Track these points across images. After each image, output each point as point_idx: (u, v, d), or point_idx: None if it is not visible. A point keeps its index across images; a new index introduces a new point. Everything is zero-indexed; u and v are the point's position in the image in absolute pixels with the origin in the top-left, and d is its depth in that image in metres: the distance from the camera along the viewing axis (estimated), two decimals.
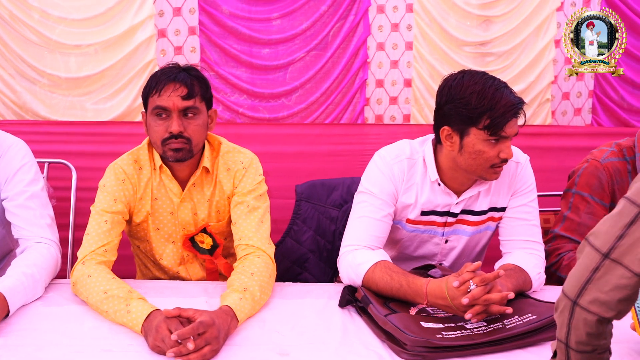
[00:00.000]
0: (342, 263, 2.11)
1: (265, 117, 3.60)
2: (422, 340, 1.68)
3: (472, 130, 2.00)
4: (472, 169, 2.06)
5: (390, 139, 3.60)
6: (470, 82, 2.00)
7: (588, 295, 1.30)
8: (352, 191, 2.53)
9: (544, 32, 3.66)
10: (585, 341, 1.33)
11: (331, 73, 3.60)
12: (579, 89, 3.75)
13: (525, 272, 2.06)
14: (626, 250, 1.27)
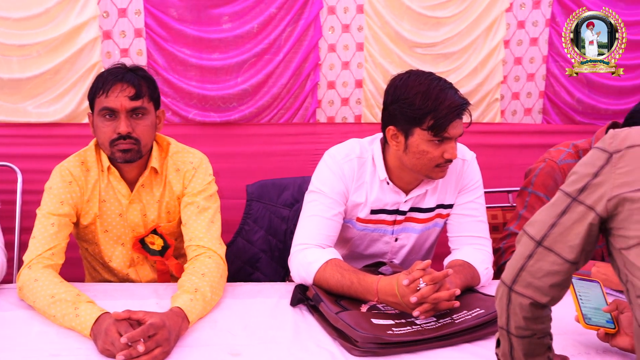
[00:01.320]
0: (293, 262, 2.11)
1: (216, 121, 3.57)
2: (372, 337, 1.70)
3: (416, 130, 2.02)
4: (417, 168, 2.08)
5: (341, 138, 3.60)
6: (415, 83, 2.01)
7: (523, 280, 1.36)
8: (303, 190, 2.53)
9: (494, 33, 3.70)
10: (524, 326, 1.38)
11: (283, 76, 3.59)
12: (529, 89, 3.80)
13: (473, 267, 2.09)
14: (558, 238, 1.34)
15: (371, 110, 3.70)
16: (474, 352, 1.74)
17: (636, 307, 1.26)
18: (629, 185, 1.28)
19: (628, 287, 1.30)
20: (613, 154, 1.33)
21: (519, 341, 1.41)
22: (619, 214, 1.29)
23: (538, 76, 3.79)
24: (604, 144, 1.36)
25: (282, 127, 3.63)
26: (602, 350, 1.74)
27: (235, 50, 3.55)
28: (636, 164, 1.30)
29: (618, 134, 1.36)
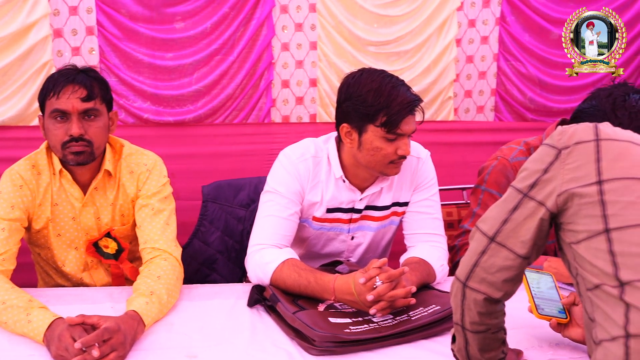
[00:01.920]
0: (250, 262, 2.10)
1: (170, 121, 3.55)
2: (329, 336, 1.70)
3: (370, 127, 2.03)
4: (371, 165, 2.09)
5: (297, 137, 3.59)
6: (368, 80, 2.03)
7: (477, 276, 1.38)
8: (259, 191, 2.52)
9: (445, 31, 3.74)
10: (478, 321, 1.40)
11: (237, 75, 3.58)
12: (481, 87, 3.85)
13: (429, 265, 2.11)
14: (510, 234, 1.36)
15: (326, 109, 3.71)
16: (430, 348, 1.76)
17: (586, 299, 1.29)
18: (578, 181, 1.30)
19: (578, 281, 1.32)
20: (562, 150, 1.36)
21: (473, 336, 1.43)
22: (569, 209, 1.31)
23: (489, 74, 3.84)
24: (553, 140, 1.39)
25: (237, 127, 3.62)
26: (555, 343, 1.78)
27: (189, 50, 3.53)
28: (584, 160, 1.32)
29: (566, 131, 1.38)
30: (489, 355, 1.46)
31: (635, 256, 1.21)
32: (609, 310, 1.20)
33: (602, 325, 1.21)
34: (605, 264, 1.23)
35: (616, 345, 1.16)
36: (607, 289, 1.21)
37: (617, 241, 1.23)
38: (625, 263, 1.21)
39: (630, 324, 1.15)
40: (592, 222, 1.27)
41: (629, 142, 1.35)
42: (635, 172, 1.28)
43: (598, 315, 1.23)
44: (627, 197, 1.26)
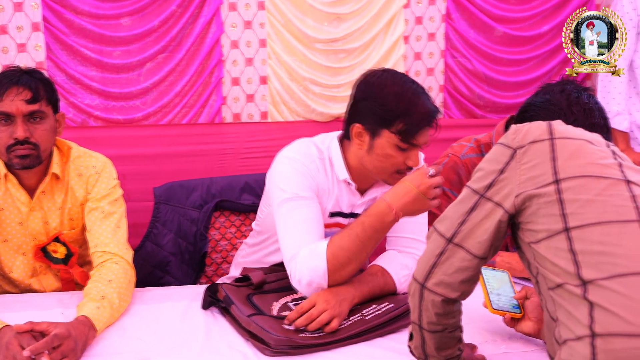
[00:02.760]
0: (297, 265, 1.88)
1: (119, 119, 3.49)
2: (285, 339, 1.70)
3: (385, 132, 1.92)
4: (376, 170, 1.99)
5: (249, 137, 3.64)
6: (390, 82, 1.93)
7: (434, 278, 1.38)
8: (211, 191, 2.52)
9: (393, 29, 3.76)
10: (436, 321, 1.41)
11: (186, 72, 3.54)
12: (429, 83, 3.88)
13: (388, 276, 2.01)
14: (467, 235, 1.37)
15: (277, 107, 3.70)
16: (386, 345, 1.77)
17: (548, 299, 1.30)
18: (535, 181, 1.32)
19: (538, 280, 1.33)
20: (517, 149, 1.37)
21: (430, 336, 1.44)
22: (527, 209, 1.32)
23: (437, 71, 3.88)
24: (507, 139, 1.40)
25: (188, 127, 3.58)
26: (508, 337, 1.81)
27: (136, 46, 3.48)
28: (540, 159, 1.33)
29: (520, 130, 1.40)
30: (446, 353, 1.47)
31: (596, 254, 1.22)
32: (572, 309, 1.21)
33: (566, 324, 1.22)
34: (566, 263, 1.24)
35: (582, 344, 1.17)
36: (569, 288, 1.22)
37: (577, 240, 1.24)
38: (587, 261, 1.22)
39: (596, 323, 1.16)
40: (551, 221, 1.28)
41: (582, 140, 1.36)
42: (591, 170, 1.30)
43: (561, 315, 1.24)
44: (584, 195, 1.27)
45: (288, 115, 3.70)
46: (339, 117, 3.74)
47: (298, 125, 3.68)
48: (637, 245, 1.21)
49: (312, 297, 1.84)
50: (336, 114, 3.73)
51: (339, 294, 1.86)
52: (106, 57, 3.44)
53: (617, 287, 1.17)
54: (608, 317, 1.15)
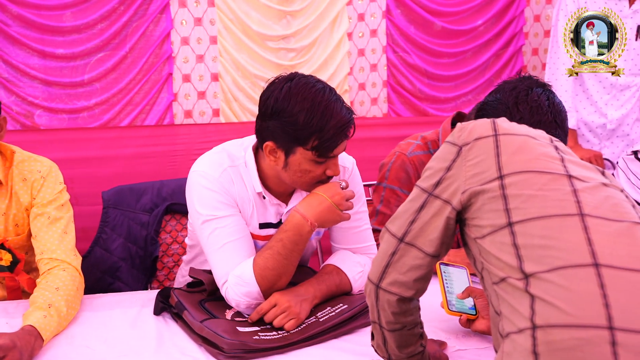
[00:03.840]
0: (229, 292, 1.87)
1: (64, 108, 3.41)
2: (239, 343, 1.69)
3: (299, 149, 1.85)
4: (297, 184, 1.95)
5: (200, 137, 3.61)
6: (299, 97, 1.82)
7: (388, 277, 1.39)
8: (162, 194, 2.48)
9: (338, 26, 3.80)
10: (394, 320, 1.42)
11: (134, 66, 3.50)
12: (373, 79, 3.92)
13: (343, 274, 2.01)
14: (418, 233, 1.38)
15: (229, 105, 3.69)
16: (340, 347, 1.78)
17: (492, 293, 1.31)
18: (480, 177, 1.33)
19: (484, 275, 1.35)
20: (462, 147, 1.38)
21: (390, 334, 1.45)
22: (472, 205, 1.34)
23: (380, 66, 3.92)
24: (453, 137, 1.41)
25: (138, 129, 3.54)
26: (462, 335, 1.83)
27: (82, 38, 3.41)
28: (484, 155, 1.35)
29: (465, 127, 1.41)
30: (408, 351, 1.49)
31: (537, 248, 1.23)
32: (515, 302, 1.22)
33: (509, 317, 1.23)
34: (509, 257, 1.25)
35: (523, 336, 1.18)
36: (512, 281, 1.23)
37: (520, 234, 1.26)
38: (529, 255, 1.23)
39: (536, 315, 1.17)
40: (496, 217, 1.29)
41: (526, 136, 1.38)
42: (534, 165, 1.32)
43: (504, 308, 1.25)
44: (527, 191, 1.29)
45: (240, 113, 3.69)
46: None
47: (248, 126, 3.64)
48: (577, 239, 1.23)
49: (272, 297, 1.83)
50: None
51: (300, 294, 1.87)
52: (50, 47, 3.36)
53: (558, 279, 1.19)
54: (548, 309, 1.17)
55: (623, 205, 1.31)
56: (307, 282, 1.92)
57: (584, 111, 3.39)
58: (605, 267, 1.19)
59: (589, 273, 1.18)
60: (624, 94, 3.38)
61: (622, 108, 3.39)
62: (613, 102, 3.38)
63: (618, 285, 1.17)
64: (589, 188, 1.31)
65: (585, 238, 1.23)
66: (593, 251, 1.21)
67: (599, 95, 3.37)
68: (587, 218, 1.25)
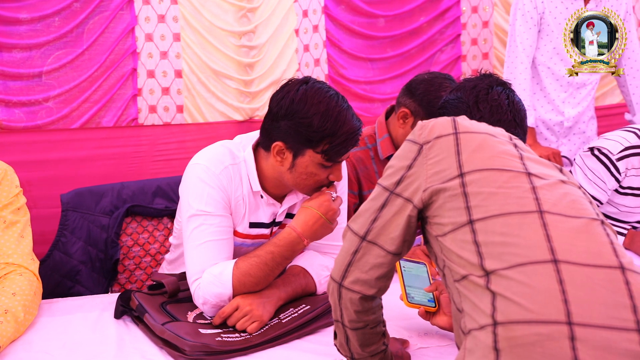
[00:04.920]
0: (201, 289, 1.86)
1: (22, 100, 3.33)
2: (201, 345, 1.69)
3: (308, 152, 1.87)
4: (299, 187, 1.96)
5: (163, 138, 3.59)
6: (315, 100, 1.85)
7: (351, 276, 1.40)
8: (122, 196, 2.45)
9: (287, 22, 3.81)
10: (356, 319, 1.43)
11: (96, 62, 3.45)
12: (317, 74, 3.94)
13: (309, 276, 2.02)
14: (380, 231, 1.39)
15: (193, 101, 3.67)
16: (303, 347, 1.79)
17: (454, 291, 1.32)
18: (441, 175, 1.34)
19: (445, 272, 1.36)
20: (423, 145, 1.39)
21: (353, 333, 1.46)
22: (434, 203, 1.35)
23: (322, 61, 3.94)
24: (414, 136, 1.42)
25: (98, 131, 3.48)
26: (424, 333, 1.85)
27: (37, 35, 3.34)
28: (445, 154, 1.36)
29: (426, 126, 1.42)
30: (370, 349, 1.50)
31: (497, 245, 1.25)
32: (476, 300, 1.24)
33: (471, 315, 1.25)
34: (470, 254, 1.27)
35: (484, 333, 1.19)
36: (473, 279, 1.25)
37: (480, 232, 1.27)
38: (489, 253, 1.25)
39: (497, 312, 1.19)
40: (457, 214, 1.31)
41: (486, 134, 1.40)
42: (494, 163, 1.34)
43: (466, 306, 1.27)
44: (487, 188, 1.31)
45: (204, 110, 3.68)
46: (254, 116, 3.75)
47: (212, 127, 3.67)
48: (536, 235, 1.24)
49: (234, 301, 1.84)
50: (251, 111, 3.73)
51: (263, 295, 1.87)
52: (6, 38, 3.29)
53: (518, 276, 1.20)
54: (509, 305, 1.18)
55: (581, 202, 1.33)
56: (273, 284, 1.92)
57: (542, 109, 3.43)
58: (563, 263, 1.21)
59: (548, 269, 1.20)
60: (580, 92, 3.42)
61: (579, 106, 3.43)
62: (570, 100, 3.41)
63: (576, 280, 1.19)
64: (547, 185, 1.33)
65: (544, 235, 1.24)
66: (552, 247, 1.23)
67: (556, 93, 3.40)
68: (546, 215, 1.27)
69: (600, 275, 1.21)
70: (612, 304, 1.18)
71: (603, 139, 2.74)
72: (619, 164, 2.61)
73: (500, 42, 4.23)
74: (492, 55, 4.26)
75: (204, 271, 1.87)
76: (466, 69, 4.23)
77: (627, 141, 2.65)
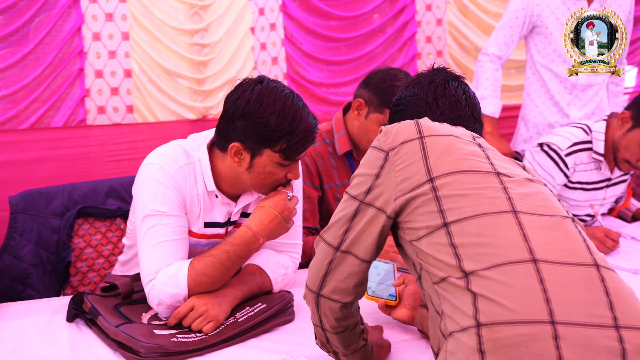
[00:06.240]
0: (155, 289, 1.84)
1: None
2: (156, 346, 1.67)
3: (266, 151, 1.88)
4: (257, 187, 1.96)
5: (114, 138, 3.54)
6: (271, 100, 1.85)
7: (328, 286, 1.41)
8: (73, 197, 2.41)
9: (242, 20, 3.80)
10: (337, 325, 1.45)
11: (42, 62, 3.38)
12: (275, 72, 3.94)
13: (265, 275, 2.02)
14: (353, 241, 1.40)
15: (143, 101, 3.63)
16: (260, 346, 1.78)
17: (433, 293, 1.33)
18: (410, 181, 1.35)
19: (422, 275, 1.36)
20: (389, 152, 1.39)
21: (334, 336, 1.48)
22: (405, 209, 1.35)
23: (280, 59, 3.95)
24: (379, 142, 1.42)
25: (47, 131, 3.42)
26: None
27: None
28: (412, 159, 1.37)
29: (390, 131, 1.42)
30: (352, 347, 1.52)
31: (474, 246, 1.26)
32: (456, 301, 1.24)
33: (451, 316, 1.24)
34: (448, 257, 1.27)
35: (467, 335, 1.19)
36: (453, 280, 1.25)
37: (456, 234, 1.28)
38: (467, 254, 1.25)
39: (480, 313, 1.19)
40: (430, 218, 1.31)
41: (451, 136, 1.41)
42: (463, 165, 1.35)
43: (446, 308, 1.27)
44: (459, 190, 1.32)
45: (156, 109, 3.64)
46: (208, 115, 3.73)
47: (164, 126, 3.65)
48: (513, 235, 1.26)
49: (189, 301, 1.83)
50: (205, 110, 3.71)
51: (218, 295, 1.86)
52: None
53: (498, 276, 1.21)
54: (492, 306, 1.19)
55: (550, 200, 1.36)
56: (229, 283, 1.92)
57: (547, 112, 3.37)
58: (542, 262, 1.22)
59: (528, 269, 1.21)
60: (587, 93, 3.34)
61: (586, 107, 3.35)
62: (575, 101, 3.34)
63: (556, 279, 1.21)
64: (516, 184, 1.35)
65: (520, 234, 1.26)
66: (530, 247, 1.24)
67: (560, 95, 3.33)
68: (520, 214, 1.29)
69: (578, 273, 1.23)
70: (591, 301, 1.20)
71: (552, 134, 2.80)
72: (567, 160, 2.67)
73: (454, 39, 4.30)
74: (446, 52, 4.30)
75: (158, 272, 1.85)
76: (422, 66, 4.26)
77: (575, 137, 2.71)
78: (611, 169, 2.74)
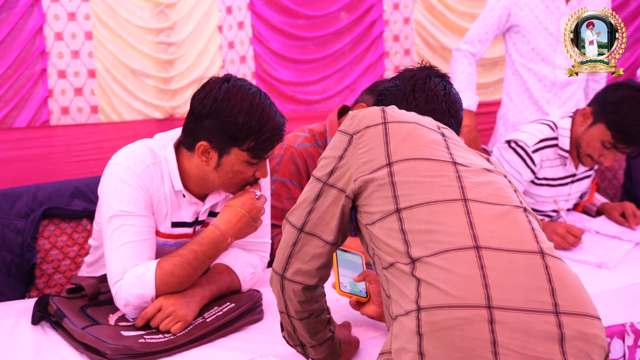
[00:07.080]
0: (122, 290, 1.82)
1: None
2: (123, 348, 1.66)
3: (234, 150, 1.87)
4: (225, 186, 1.95)
5: (78, 138, 3.50)
6: (238, 98, 1.84)
7: (292, 267, 1.43)
8: (38, 198, 2.39)
9: (209, 19, 3.78)
10: (301, 309, 1.46)
11: (3, 63, 3.32)
12: (243, 71, 3.92)
13: (233, 274, 2.01)
14: (316, 222, 1.42)
15: (108, 101, 3.59)
16: (228, 345, 1.78)
17: (382, 278, 1.36)
18: (370, 165, 1.37)
19: (375, 260, 1.39)
20: (353, 135, 1.42)
21: (299, 323, 1.49)
22: (363, 192, 1.38)
23: (249, 58, 3.94)
24: (345, 126, 1.45)
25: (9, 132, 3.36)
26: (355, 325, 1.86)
27: None
28: (374, 143, 1.39)
29: (356, 116, 1.45)
30: (318, 337, 1.53)
31: (422, 233, 1.28)
32: (402, 286, 1.27)
33: (397, 301, 1.28)
34: (397, 242, 1.30)
35: (409, 318, 1.23)
36: (400, 266, 1.28)
37: (406, 220, 1.30)
38: (415, 240, 1.28)
39: (421, 298, 1.22)
40: (385, 203, 1.34)
41: (414, 123, 1.43)
42: (421, 153, 1.37)
43: (393, 292, 1.30)
44: (413, 177, 1.34)
45: (121, 109, 3.60)
46: (175, 114, 3.70)
47: (130, 126, 3.60)
48: (460, 223, 1.29)
49: (157, 302, 1.81)
50: (171, 109, 3.68)
51: (186, 295, 1.85)
52: None
53: (441, 262, 1.24)
54: (432, 291, 1.22)
55: (505, 190, 1.38)
56: (197, 282, 1.91)
57: (527, 111, 3.39)
58: (485, 249, 1.25)
59: (470, 255, 1.24)
60: (566, 91, 3.35)
61: (565, 105, 3.36)
62: (555, 99, 3.35)
63: (498, 266, 1.24)
64: (472, 174, 1.37)
65: (467, 222, 1.29)
66: (474, 234, 1.27)
67: (540, 93, 3.35)
68: (470, 202, 1.31)
69: (521, 260, 1.26)
70: (532, 287, 1.23)
71: (519, 131, 2.82)
72: (534, 156, 2.70)
73: (421, 38, 4.30)
74: (414, 51, 4.31)
75: (125, 272, 1.83)
76: (389, 65, 4.27)
77: (542, 134, 2.74)
78: (576, 164, 2.78)
